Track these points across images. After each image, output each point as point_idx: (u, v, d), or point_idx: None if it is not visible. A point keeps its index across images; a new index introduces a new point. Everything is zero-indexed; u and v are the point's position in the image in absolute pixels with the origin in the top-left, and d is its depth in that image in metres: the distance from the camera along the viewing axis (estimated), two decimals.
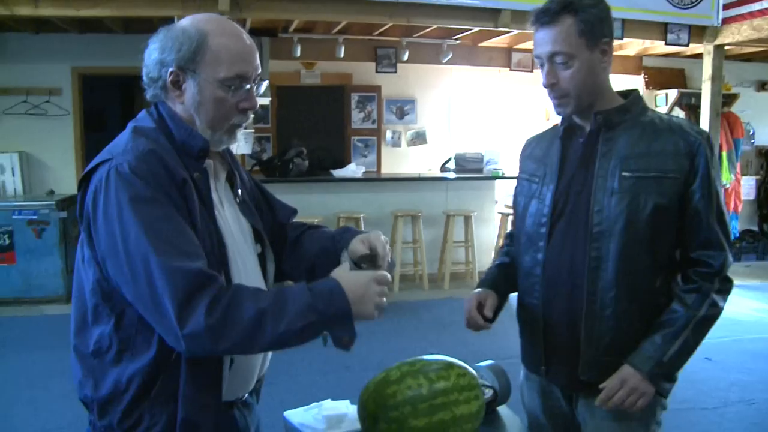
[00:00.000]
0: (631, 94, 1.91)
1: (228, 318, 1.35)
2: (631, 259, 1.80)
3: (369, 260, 1.63)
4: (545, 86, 1.84)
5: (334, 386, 1.43)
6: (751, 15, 6.13)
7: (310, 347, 1.52)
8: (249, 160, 7.36)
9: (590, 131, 1.88)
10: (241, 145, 6.13)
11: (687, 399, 4.33)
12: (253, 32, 6.07)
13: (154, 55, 1.54)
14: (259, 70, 1.59)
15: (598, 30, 1.78)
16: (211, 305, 1.34)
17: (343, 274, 1.49)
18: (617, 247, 1.80)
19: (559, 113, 1.90)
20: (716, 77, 6.76)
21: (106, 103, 9.49)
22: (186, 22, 1.55)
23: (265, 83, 1.59)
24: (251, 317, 1.37)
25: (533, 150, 2.08)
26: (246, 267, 1.63)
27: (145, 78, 1.58)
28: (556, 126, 2.01)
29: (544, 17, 1.79)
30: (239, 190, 1.72)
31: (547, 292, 1.92)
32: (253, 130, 7.10)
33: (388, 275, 1.53)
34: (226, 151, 1.70)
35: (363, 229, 4.10)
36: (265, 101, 7.13)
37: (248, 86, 1.55)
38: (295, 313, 1.39)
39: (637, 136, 1.83)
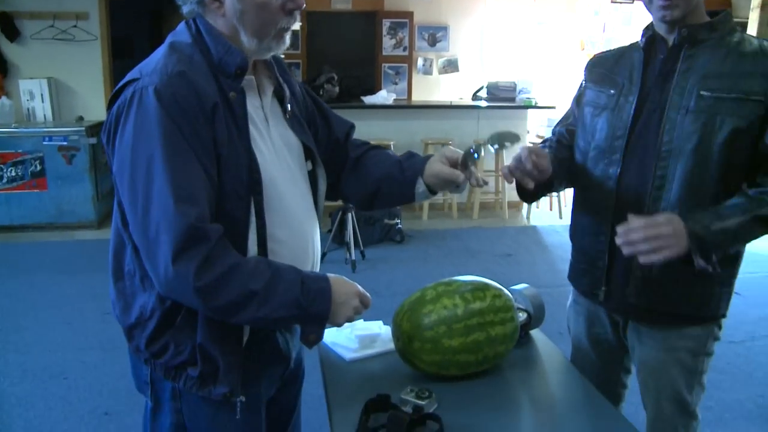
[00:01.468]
0: (720, 13, 1.77)
1: (218, 287, 1.32)
2: (697, 183, 1.70)
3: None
4: None
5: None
6: None
7: (341, 272, 1.51)
8: None
9: (672, 45, 1.76)
10: None
11: None
12: None
13: None
14: None
15: None
16: (203, 267, 1.30)
17: (337, 278, 1.49)
18: (684, 168, 1.71)
19: (663, 18, 1.74)
20: (767, 4, 6.42)
21: (134, 29, 9.41)
22: None
23: None
24: (240, 295, 1.34)
25: (604, 59, 1.97)
26: (291, 187, 1.57)
27: None
28: (633, 44, 1.90)
29: None
30: (288, 105, 1.63)
31: (618, 208, 1.83)
32: (283, 56, 6.99)
33: (369, 297, 1.54)
34: (274, 62, 1.62)
35: None
36: (295, 27, 7.01)
37: None
38: (280, 303, 1.37)
39: (721, 56, 1.71)
